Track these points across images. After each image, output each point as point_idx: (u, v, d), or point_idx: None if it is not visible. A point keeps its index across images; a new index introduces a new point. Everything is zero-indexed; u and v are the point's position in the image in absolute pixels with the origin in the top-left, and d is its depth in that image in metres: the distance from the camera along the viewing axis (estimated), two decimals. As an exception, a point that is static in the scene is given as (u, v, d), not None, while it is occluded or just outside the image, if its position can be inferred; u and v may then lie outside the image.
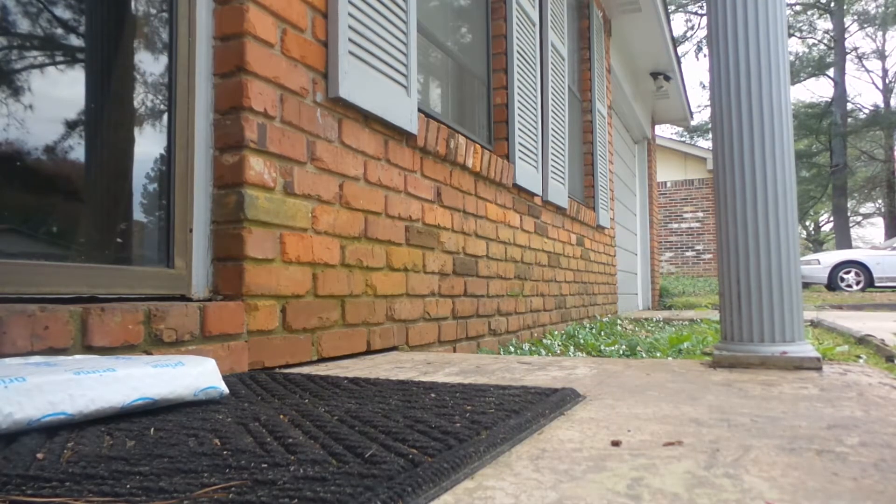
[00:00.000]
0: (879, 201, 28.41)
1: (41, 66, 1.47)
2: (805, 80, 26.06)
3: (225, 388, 1.22)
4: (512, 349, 3.30)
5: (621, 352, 3.15)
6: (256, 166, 1.77)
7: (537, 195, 4.05)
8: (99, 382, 1.01)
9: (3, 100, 1.37)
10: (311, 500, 0.63)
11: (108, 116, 1.62)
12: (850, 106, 24.90)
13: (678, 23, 34.44)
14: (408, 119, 2.48)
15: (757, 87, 1.84)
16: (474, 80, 3.62)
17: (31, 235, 1.44)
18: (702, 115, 27.07)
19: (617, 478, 0.77)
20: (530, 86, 3.95)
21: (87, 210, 1.56)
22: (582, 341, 3.64)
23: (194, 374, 1.16)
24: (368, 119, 2.30)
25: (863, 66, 29.07)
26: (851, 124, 24.68)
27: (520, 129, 3.72)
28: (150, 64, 1.71)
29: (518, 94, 3.72)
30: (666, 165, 16.77)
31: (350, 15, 2.14)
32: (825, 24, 26.68)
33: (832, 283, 13.38)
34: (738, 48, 1.87)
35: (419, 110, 2.62)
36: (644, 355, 2.98)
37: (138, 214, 1.69)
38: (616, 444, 0.93)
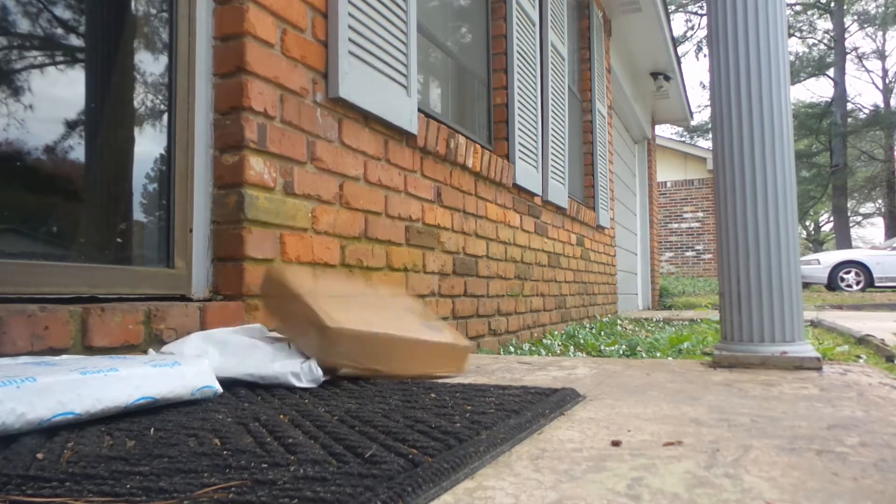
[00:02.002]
0: (879, 201, 28.40)
1: (41, 66, 1.47)
2: (805, 80, 26.05)
3: (219, 388, 1.23)
4: (512, 349, 3.30)
5: (621, 352, 3.15)
6: (256, 166, 1.77)
7: (537, 195, 4.05)
8: (104, 382, 1.01)
9: (3, 100, 1.37)
10: (311, 500, 0.63)
11: (108, 116, 1.62)
12: (850, 106, 24.88)
13: (678, 23, 34.42)
14: (408, 119, 2.48)
15: (757, 87, 1.84)
16: (474, 80, 3.62)
17: (31, 235, 1.44)
18: (702, 115, 27.03)
19: (617, 478, 0.77)
20: (530, 86, 3.95)
21: (87, 210, 1.56)
22: (582, 341, 3.64)
23: (191, 374, 1.17)
24: (368, 119, 2.30)
25: (863, 66, 29.03)
26: (851, 124, 24.66)
27: (520, 129, 3.72)
28: (150, 64, 1.71)
29: (518, 94, 3.72)
30: (666, 165, 16.76)
31: (350, 15, 2.14)
32: (825, 24, 26.68)
33: (832, 283, 13.38)
34: (738, 48, 1.87)
35: (419, 110, 2.62)
36: (644, 355, 2.98)
37: (138, 214, 1.69)
38: (616, 444, 0.93)
